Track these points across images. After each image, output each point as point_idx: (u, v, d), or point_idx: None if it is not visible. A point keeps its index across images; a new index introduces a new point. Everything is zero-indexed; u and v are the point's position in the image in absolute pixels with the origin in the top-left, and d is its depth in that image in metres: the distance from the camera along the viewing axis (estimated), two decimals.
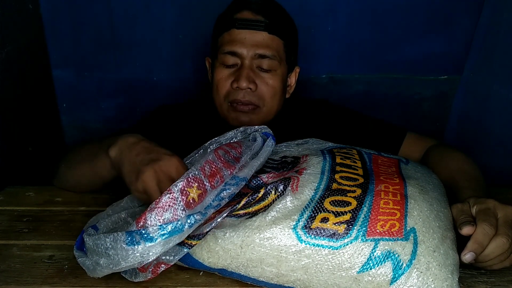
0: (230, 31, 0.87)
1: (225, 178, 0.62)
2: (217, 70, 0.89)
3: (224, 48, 0.87)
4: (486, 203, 0.62)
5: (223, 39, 0.88)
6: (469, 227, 0.59)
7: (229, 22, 0.87)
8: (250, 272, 0.59)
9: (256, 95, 0.87)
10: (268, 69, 0.88)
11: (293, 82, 0.98)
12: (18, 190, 0.90)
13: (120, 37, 1.25)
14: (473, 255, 0.57)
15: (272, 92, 0.89)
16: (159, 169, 0.61)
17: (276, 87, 0.89)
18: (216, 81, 0.90)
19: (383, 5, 1.22)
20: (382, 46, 1.27)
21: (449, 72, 1.31)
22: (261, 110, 0.89)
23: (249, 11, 0.87)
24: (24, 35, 1.14)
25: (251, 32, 0.86)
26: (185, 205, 0.55)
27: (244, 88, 0.86)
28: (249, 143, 0.72)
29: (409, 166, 0.73)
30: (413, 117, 1.37)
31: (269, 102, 0.89)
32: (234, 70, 0.88)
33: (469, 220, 0.60)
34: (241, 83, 0.85)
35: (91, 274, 0.58)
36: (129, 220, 0.66)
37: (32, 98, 1.19)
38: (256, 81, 0.87)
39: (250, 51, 0.86)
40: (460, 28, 1.24)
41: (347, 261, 0.55)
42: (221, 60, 0.88)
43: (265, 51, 0.86)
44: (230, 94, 0.88)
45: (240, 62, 0.87)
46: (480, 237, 0.58)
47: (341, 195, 0.60)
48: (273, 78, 0.88)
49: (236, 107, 0.88)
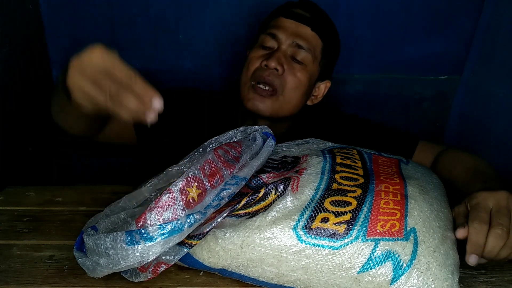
0: (278, 18, 0.92)
1: (225, 178, 0.61)
2: (254, 49, 0.92)
3: (267, 31, 0.92)
4: (476, 198, 0.62)
5: (269, 25, 0.93)
6: (460, 230, 0.59)
7: (279, 12, 0.93)
8: (250, 272, 0.59)
9: (280, 79, 0.88)
10: (301, 62, 0.90)
11: (321, 94, 0.99)
12: (18, 190, 0.90)
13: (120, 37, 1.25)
14: (475, 256, 0.57)
15: (295, 83, 0.90)
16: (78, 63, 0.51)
17: (302, 81, 0.90)
18: (249, 59, 0.92)
19: (383, 5, 1.22)
20: (382, 46, 1.27)
21: (449, 72, 1.31)
22: (278, 98, 0.89)
23: (299, 8, 0.92)
24: (24, 35, 1.14)
25: (295, 23, 0.90)
26: (185, 204, 0.55)
27: (271, 67, 0.87)
28: (249, 142, 0.72)
29: (409, 166, 0.73)
30: (413, 117, 1.37)
31: (288, 92, 0.90)
32: (269, 52, 0.90)
33: (462, 223, 0.60)
34: (270, 61, 0.87)
35: (91, 274, 0.58)
36: (128, 220, 0.66)
37: (32, 98, 1.19)
38: (285, 66, 0.88)
39: (289, 38, 0.89)
40: (460, 28, 1.24)
41: (347, 261, 0.55)
42: (260, 41, 0.92)
43: (303, 42, 0.89)
44: (257, 71, 0.89)
45: (277, 46, 0.90)
46: (473, 237, 0.57)
47: (341, 195, 0.60)
48: (302, 72, 0.90)
49: (256, 88, 0.89)
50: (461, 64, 1.29)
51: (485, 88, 1.23)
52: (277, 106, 0.90)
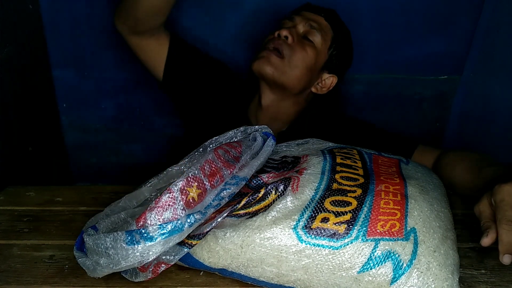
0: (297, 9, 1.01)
1: (225, 178, 0.61)
2: None
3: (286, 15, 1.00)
4: (500, 193, 0.59)
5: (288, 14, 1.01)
6: (484, 239, 0.58)
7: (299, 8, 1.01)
8: (250, 272, 0.59)
9: (288, 46, 0.93)
10: (311, 40, 0.95)
11: (327, 86, 1.02)
12: (18, 190, 0.90)
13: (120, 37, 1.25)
14: (509, 256, 0.56)
15: (302, 55, 0.94)
16: None
17: (309, 56, 0.94)
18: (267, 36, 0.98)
19: (383, 5, 1.22)
20: (382, 46, 1.27)
21: (449, 72, 1.31)
22: (284, 61, 0.93)
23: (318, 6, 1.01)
24: (24, 35, 1.14)
25: (311, 14, 0.99)
26: (185, 204, 0.55)
27: (283, 35, 0.93)
28: (249, 142, 0.72)
29: (409, 166, 0.73)
30: (413, 117, 1.37)
31: (294, 60, 0.93)
32: None
33: (487, 226, 0.59)
34: (282, 31, 0.93)
35: (91, 274, 0.58)
36: (128, 220, 0.66)
37: (32, 98, 1.19)
38: (295, 38, 0.94)
39: (304, 21, 0.97)
40: (460, 28, 1.24)
41: (347, 261, 0.55)
42: (279, 24, 0.99)
43: (316, 24, 0.96)
44: (270, 41, 0.95)
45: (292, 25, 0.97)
46: (505, 238, 0.56)
47: (342, 195, 0.60)
48: (310, 48, 0.95)
49: (263, 52, 0.93)
50: (461, 64, 1.29)
51: (485, 88, 1.23)
52: (280, 69, 0.93)
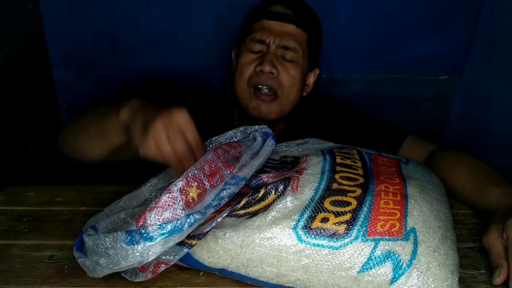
0: (261, 21, 0.93)
1: (225, 178, 0.61)
2: (243, 55, 0.93)
3: (253, 35, 0.93)
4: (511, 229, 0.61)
5: (253, 28, 0.94)
6: (496, 278, 0.59)
7: (261, 13, 0.94)
8: (250, 272, 0.59)
9: (277, 81, 0.91)
10: (291, 60, 0.92)
11: (311, 82, 1.01)
12: (18, 190, 0.90)
13: (120, 37, 1.25)
14: None
15: (291, 81, 0.92)
16: (168, 119, 0.58)
17: (296, 78, 0.92)
18: (240, 65, 0.93)
19: (383, 5, 1.22)
20: (382, 46, 1.27)
21: (449, 72, 1.31)
22: (280, 100, 0.92)
23: (280, 5, 0.93)
24: (24, 35, 1.14)
25: (279, 24, 0.92)
26: (185, 204, 0.55)
27: (267, 71, 0.89)
28: (249, 142, 0.72)
29: (409, 166, 0.73)
30: (413, 117, 1.37)
31: (287, 91, 0.92)
32: (259, 56, 0.91)
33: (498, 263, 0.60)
34: (264, 66, 0.89)
35: (91, 274, 0.58)
36: (128, 220, 0.66)
37: (32, 98, 1.19)
38: (278, 68, 0.90)
39: (276, 40, 0.91)
40: (460, 28, 1.24)
41: (347, 261, 0.55)
42: (248, 46, 0.93)
43: (290, 42, 0.91)
44: (253, 77, 0.91)
45: (265, 49, 0.92)
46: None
47: (341, 195, 0.60)
48: (294, 69, 0.92)
49: (258, 95, 0.91)
50: (461, 64, 1.29)
51: (485, 88, 1.23)
52: (280, 107, 0.92)
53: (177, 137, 0.58)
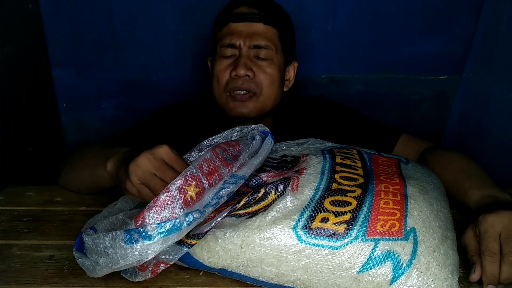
0: (228, 25, 0.92)
1: (224, 176, 0.61)
2: (217, 62, 0.93)
3: (222, 41, 0.92)
4: (484, 224, 0.62)
5: (221, 33, 0.93)
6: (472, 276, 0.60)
7: (227, 17, 0.93)
8: (250, 272, 0.59)
9: (254, 82, 0.90)
10: (265, 58, 0.91)
11: (292, 76, 1.00)
12: (18, 190, 0.90)
13: (120, 37, 1.25)
14: (493, 286, 0.58)
15: (269, 79, 0.91)
16: (151, 155, 0.60)
17: (274, 75, 0.92)
18: (216, 72, 0.93)
19: (383, 5, 1.22)
20: (382, 46, 1.27)
21: (449, 72, 1.31)
22: (258, 98, 0.91)
23: (244, 6, 0.92)
24: (24, 35, 1.14)
25: (247, 24, 0.91)
26: (183, 203, 0.55)
27: (242, 75, 0.89)
28: (248, 141, 0.71)
29: (409, 166, 0.73)
30: (413, 117, 1.37)
31: (266, 90, 0.91)
32: (233, 61, 0.91)
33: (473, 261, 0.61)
34: (239, 70, 0.88)
35: (91, 274, 0.58)
36: (127, 221, 0.66)
37: (32, 98, 1.19)
38: (254, 69, 0.90)
39: (247, 41, 0.90)
40: (460, 28, 1.24)
41: (347, 261, 0.55)
42: (220, 53, 0.93)
43: (261, 41, 0.90)
44: (230, 83, 0.91)
45: (238, 52, 0.91)
46: (488, 269, 0.59)
47: (341, 195, 0.60)
48: (270, 67, 0.91)
49: (234, 96, 0.90)
50: (461, 64, 1.29)
51: (485, 88, 1.23)
52: (260, 106, 0.92)
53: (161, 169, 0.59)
